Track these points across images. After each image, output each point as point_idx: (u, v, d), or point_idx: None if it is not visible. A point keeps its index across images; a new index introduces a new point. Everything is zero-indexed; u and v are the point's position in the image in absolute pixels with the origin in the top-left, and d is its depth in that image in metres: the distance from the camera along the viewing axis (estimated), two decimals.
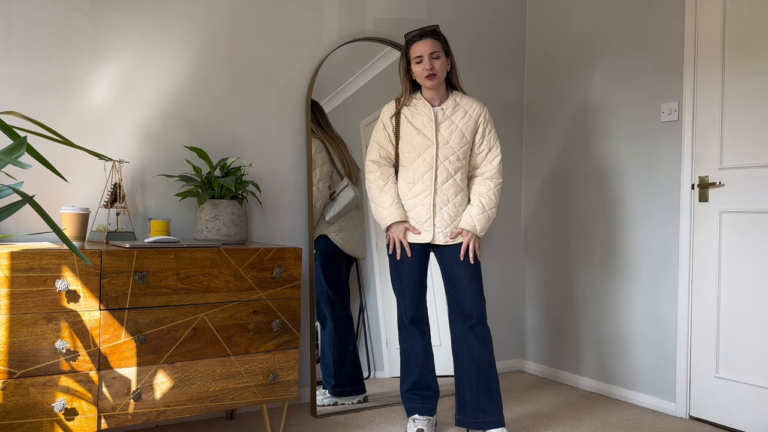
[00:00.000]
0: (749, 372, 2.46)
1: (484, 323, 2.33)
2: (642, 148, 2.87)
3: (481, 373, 2.31)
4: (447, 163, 2.32)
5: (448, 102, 2.36)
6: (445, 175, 2.32)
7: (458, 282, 2.33)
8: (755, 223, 2.46)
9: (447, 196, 2.32)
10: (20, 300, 1.75)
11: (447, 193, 2.32)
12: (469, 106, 2.37)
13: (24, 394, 1.75)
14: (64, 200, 2.27)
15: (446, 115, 2.34)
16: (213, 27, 2.56)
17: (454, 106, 2.36)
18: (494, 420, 2.31)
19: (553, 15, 3.35)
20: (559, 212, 3.28)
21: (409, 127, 2.34)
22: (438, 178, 2.32)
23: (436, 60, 2.31)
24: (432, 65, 2.29)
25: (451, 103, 2.36)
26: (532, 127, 3.46)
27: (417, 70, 2.32)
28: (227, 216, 2.30)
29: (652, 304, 2.81)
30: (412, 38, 2.34)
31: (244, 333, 2.13)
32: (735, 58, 2.53)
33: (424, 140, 2.32)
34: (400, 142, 2.37)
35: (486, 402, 2.31)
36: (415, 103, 2.37)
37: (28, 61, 2.20)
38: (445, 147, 2.32)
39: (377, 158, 2.39)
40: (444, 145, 2.32)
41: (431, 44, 2.30)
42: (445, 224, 2.32)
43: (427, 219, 2.32)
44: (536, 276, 3.41)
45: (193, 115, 2.52)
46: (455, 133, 2.33)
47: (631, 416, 2.69)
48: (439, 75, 2.31)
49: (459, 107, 2.36)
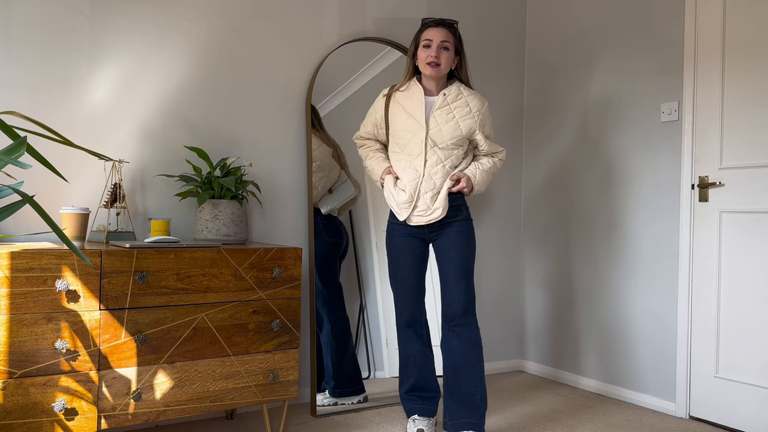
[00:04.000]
0: (749, 372, 2.46)
1: (467, 323, 2.26)
2: (642, 148, 2.87)
3: (457, 375, 2.26)
4: (437, 149, 2.25)
5: (452, 89, 2.29)
6: (434, 160, 2.25)
7: (446, 279, 2.29)
8: (755, 223, 2.46)
9: (434, 180, 2.25)
10: (20, 300, 1.75)
11: (434, 178, 2.25)
12: (472, 100, 2.30)
13: (24, 394, 1.75)
14: (64, 200, 2.27)
15: (447, 102, 2.27)
16: (213, 27, 2.56)
17: (457, 94, 2.29)
18: (469, 423, 2.23)
19: (553, 15, 3.35)
20: (558, 212, 3.28)
21: (400, 110, 2.31)
22: (427, 161, 2.25)
23: (444, 51, 2.25)
24: (438, 54, 2.24)
25: (455, 90, 2.29)
26: (532, 127, 3.46)
27: (422, 54, 2.27)
28: (227, 216, 2.30)
29: (652, 304, 2.81)
30: (428, 23, 2.30)
31: (244, 333, 2.13)
32: (735, 58, 2.54)
33: (414, 124, 2.27)
34: (391, 126, 2.33)
35: (461, 405, 2.25)
36: (411, 87, 2.32)
37: (29, 61, 2.20)
38: (436, 133, 2.25)
39: (361, 135, 2.45)
40: (436, 131, 2.25)
41: (444, 34, 2.25)
42: (425, 207, 2.25)
43: (409, 202, 2.25)
44: (536, 276, 3.41)
45: (193, 115, 2.52)
46: (451, 122, 2.26)
47: (631, 416, 2.69)
48: (442, 67, 2.25)
49: (462, 97, 2.29)
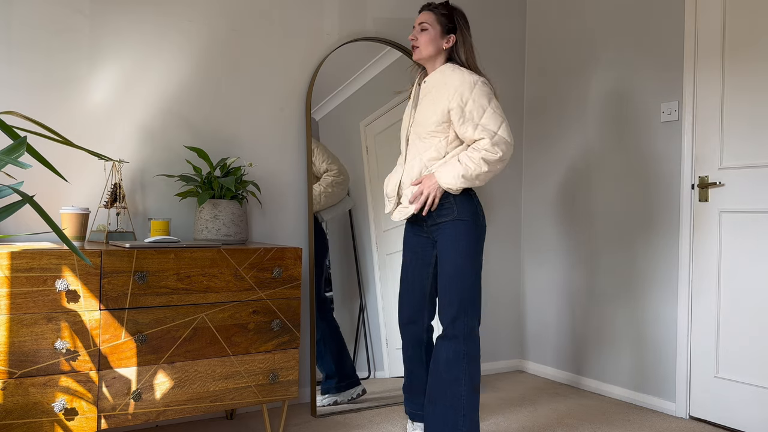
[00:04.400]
0: (749, 372, 2.46)
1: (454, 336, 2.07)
2: (642, 148, 2.87)
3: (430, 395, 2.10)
4: (417, 141, 2.15)
5: (434, 74, 2.15)
6: (413, 152, 2.16)
7: (440, 283, 2.14)
8: (755, 223, 2.46)
9: (411, 175, 2.14)
10: (20, 300, 1.75)
11: (412, 172, 2.14)
12: (451, 77, 2.09)
13: (24, 394, 1.75)
14: (64, 200, 2.27)
15: (428, 89, 2.15)
16: (213, 27, 2.56)
17: (440, 77, 2.13)
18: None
19: (553, 15, 3.35)
20: (558, 211, 3.28)
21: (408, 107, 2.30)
22: (408, 155, 2.18)
23: (422, 32, 2.14)
24: (416, 36, 2.15)
25: (437, 75, 2.14)
26: (532, 126, 3.46)
27: None
28: (227, 216, 2.29)
29: (652, 304, 2.81)
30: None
31: (244, 333, 2.13)
32: (735, 58, 2.53)
33: (406, 117, 2.26)
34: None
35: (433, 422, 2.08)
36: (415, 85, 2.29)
37: (29, 61, 2.20)
38: (416, 124, 2.15)
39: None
40: (416, 122, 2.16)
41: (423, 16, 2.16)
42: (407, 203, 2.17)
43: (393, 195, 2.22)
44: (536, 275, 3.41)
45: (193, 115, 2.52)
46: (430, 108, 2.11)
47: (632, 416, 2.69)
48: (421, 48, 2.14)
49: (443, 79, 2.12)
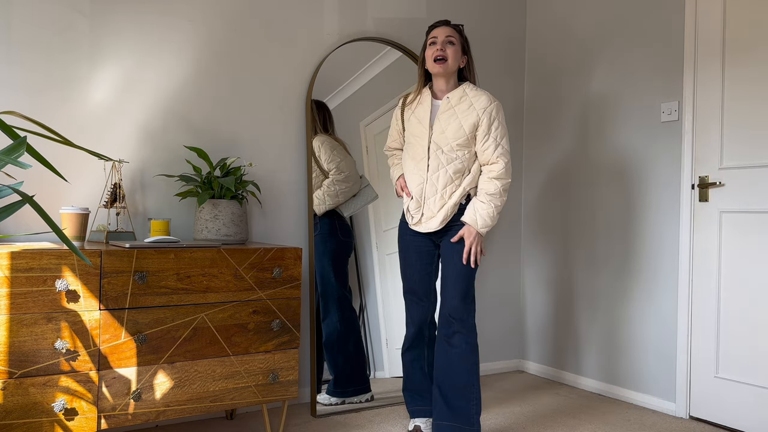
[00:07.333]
0: (749, 372, 2.46)
1: (463, 332, 2.21)
2: (642, 148, 2.87)
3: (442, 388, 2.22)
4: (439, 153, 2.23)
5: (456, 92, 2.26)
6: (436, 164, 2.23)
7: (444, 281, 2.25)
8: (755, 223, 2.46)
9: (436, 186, 2.23)
10: (20, 300, 1.75)
11: (436, 184, 2.23)
12: (477, 98, 2.24)
13: (24, 394, 1.75)
14: (64, 200, 2.27)
15: (450, 105, 2.25)
16: (212, 27, 2.56)
17: (461, 96, 2.25)
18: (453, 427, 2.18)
19: (553, 15, 3.35)
20: (558, 211, 3.28)
21: (413, 117, 2.33)
22: (429, 167, 2.24)
23: (450, 45, 2.24)
24: (444, 48, 2.22)
25: (459, 92, 2.26)
26: (532, 127, 3.46)
27: (429, 52, 2.26)
28: (227, 216, 2.29)
29: (652, 304, 2.81)
30: (434, 24, 2.31)
31: (244, 333, 2.13)
32: (735, 58, 2.53)
33: (421, 129, 2.28)
34: (405, 132, 2.37)
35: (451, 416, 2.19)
36: (423, 95, 2.33)
37: (28, 61, 2.20)
38: (440, 136, 2.23)
39: (389, 145, 2.50)
40: (439, 134, 2.23)
41: (449, 30, 2.26)
42: (431, 213, 2.25)
43: (417, 207, 2.27)
44: (536, 275, 3.41)
45: (193, 115, 2.52)
46: (454, 123, 2.22)
47: (631, 416, 2.69)
48: (449, 62, 2.23)
49: (466, 98, 2.25)
